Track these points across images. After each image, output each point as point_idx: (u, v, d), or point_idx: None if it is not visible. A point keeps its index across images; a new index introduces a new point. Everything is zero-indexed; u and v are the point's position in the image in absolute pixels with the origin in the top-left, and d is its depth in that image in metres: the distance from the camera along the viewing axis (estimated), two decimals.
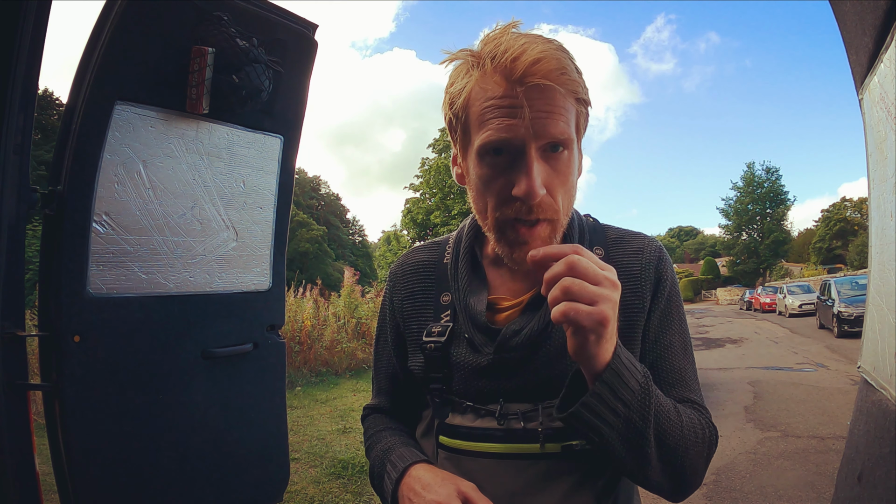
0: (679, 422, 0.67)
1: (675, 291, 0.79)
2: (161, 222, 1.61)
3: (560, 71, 0.64)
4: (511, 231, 0.69)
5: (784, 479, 3.40)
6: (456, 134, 0.74)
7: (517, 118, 0.64)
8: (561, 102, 0.65)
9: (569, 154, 0.68)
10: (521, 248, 0.69)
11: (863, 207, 39.96)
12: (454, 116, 0.72)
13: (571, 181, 0.70)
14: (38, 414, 2.61)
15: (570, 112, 0.67)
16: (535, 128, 0.64)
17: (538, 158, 0.65)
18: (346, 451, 4.04)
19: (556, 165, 0.67)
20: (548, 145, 0.66)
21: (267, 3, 1.73)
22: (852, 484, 1.73)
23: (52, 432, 1.42)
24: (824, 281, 13.19)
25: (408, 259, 0.89)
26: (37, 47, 1.27)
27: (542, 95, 0.64)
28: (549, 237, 0.69)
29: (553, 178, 0.67)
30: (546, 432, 0.70)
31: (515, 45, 0.64)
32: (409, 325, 0.84)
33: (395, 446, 0.79)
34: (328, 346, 7.56)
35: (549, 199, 0.67)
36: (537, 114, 0.64)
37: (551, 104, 0.64)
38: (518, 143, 0.65)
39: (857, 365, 1.99)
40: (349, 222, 50.72)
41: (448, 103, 0.72)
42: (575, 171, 0.71)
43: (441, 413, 0.77)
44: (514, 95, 0.64)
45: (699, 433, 0.69)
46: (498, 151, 0.66)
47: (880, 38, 1.57)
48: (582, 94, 0.68)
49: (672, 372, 0.75)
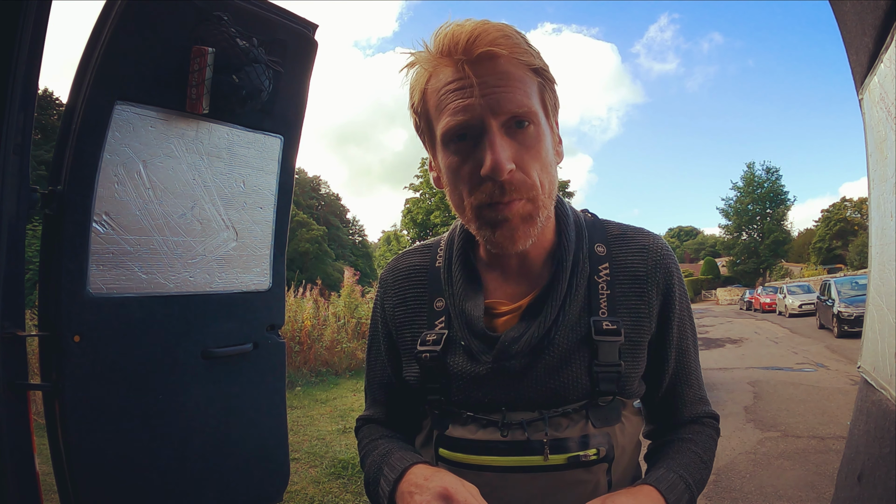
0: (707, 472, 0.77)
1: (684, 292, 0.79)
2: (161, 222, 1.61)
3: (502, 36, 0.63)
4: (489, 211, 0.66)
5: (784, 479, 3.40)
6: (423, 134, 0.73)
7: (471, 97, 0.62)
8: (514, 73, 0.64)
9: (535, 128, 0.66)
10: (503, 227, 0.66)
11: (863, 207, 39.98)
12: (416, 115, 0.71)
13: (545, 157, 0.67)
14: (38, 414, 2.61)
15: (527, 84, 0.65)
16: (490, 103, 0.62)
17: (502, 135, 0.64)
18: (346, 451, 4.04)
19: (523, 140, 0.65)
20: (511, 121, 0.64)
21: (267, 3, 1.73)
22: (852, 484, 1.73)
23: (52, 432, 1.42)
24: (824, 281, 13.18)
25: (398, 264, 0.85)
26: (37, 47, 1.27)
27: (493, 69, 0.63)
28: (529, 214, 0.67)
29: (522, 153, 0.65)
30: (551, 443, 0.68)
31: (455, 28, 0.64)
32: (402, 333, 0.80)
33: (394, 450, 0.76)
34: (328, 346, 7.55)
35: (521, 175, 0.65)
36: (490, 89, 0.63)
37: (503, 76, 0.63)
38: (477, 122, 0.63)
39: (857, 365, 1.99)
40: (349, 222, 50.71)
41: (410, 105, 0.71)
42: (547, 146, 0.68)
43: (440, 425, 0.74)
44: (463, 75, 0.63)
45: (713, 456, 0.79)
46: (461, 137, 0.65)
47: (880, 38, 1.57)
48: (537, 64, 0.66)
49: (690, 374, 0.80)
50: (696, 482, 0.72)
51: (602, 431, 0.70)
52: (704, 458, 0.76)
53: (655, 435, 0.85)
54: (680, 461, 0.74)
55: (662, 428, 0.84)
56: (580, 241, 0.76)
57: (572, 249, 0.75)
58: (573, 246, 0.75)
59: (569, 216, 0.78)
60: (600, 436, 0.69)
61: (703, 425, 0.81)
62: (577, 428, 0.69)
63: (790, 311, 17.90)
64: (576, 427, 0.69)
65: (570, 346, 0.71)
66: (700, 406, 0.82)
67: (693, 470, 0.73)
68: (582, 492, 0.68)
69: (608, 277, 0.75)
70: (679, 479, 0.70)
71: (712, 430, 0.81)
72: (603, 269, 0.75)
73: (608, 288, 0.74)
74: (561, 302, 0.72)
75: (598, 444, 0.69)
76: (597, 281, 0.74)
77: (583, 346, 0.71)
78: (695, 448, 0.77)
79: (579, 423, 0.69)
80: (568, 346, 0.71)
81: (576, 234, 0.76)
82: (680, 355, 0.79)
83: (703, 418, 0.82)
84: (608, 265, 0.75)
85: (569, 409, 0.70)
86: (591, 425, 0.69)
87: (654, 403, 0.82)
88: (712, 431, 0.81)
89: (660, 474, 0.70)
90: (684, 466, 0.73)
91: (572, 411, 0.70)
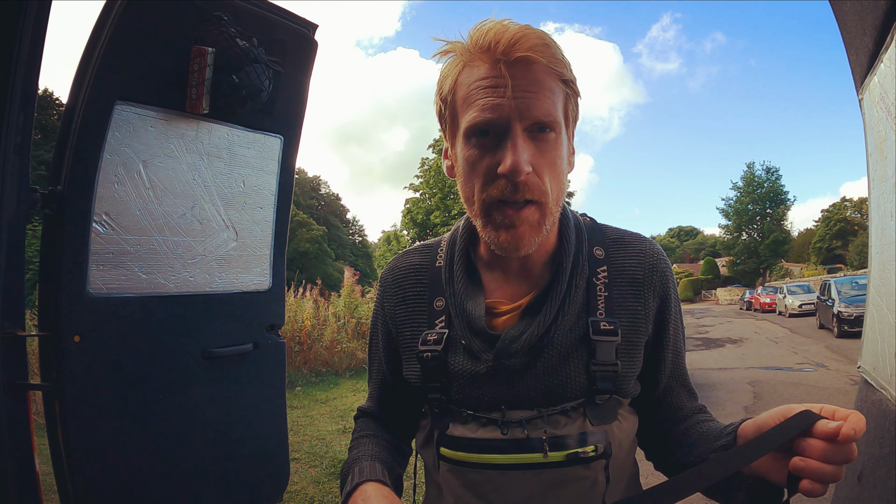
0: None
1: (677, 295, 0.83)
2: (161, 222, 1.61)
3: (542, 45, 0.65)
4: (497, 213, 0.68)
5: None
6: (445, 122, 0.74)
7: (502, 97, 0.64)
8: (546, 82, 0.66)
9: (556, 137, 0.67)
10: (508, 231, 0.68)
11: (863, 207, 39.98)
12: (443, 103, 0.72)
13: (559, 166, 0.69)
14: (38, 414, 2.61)
15: (555, 94, 0.67)
16: (519, 106, 0.64)
17: (524, 138, 0.65)
18: (345, 451, 4.02)
19: (542, 147, 0.67)
20: (534, 126, 0.66)
21: (267, 3, 1.73)
22: (852, 484, 1.73)
23: (52, 432, 1.43)
24: (824, 281, 13.19)
25: (398, 263, 0.86)
26: (37, 47, 1.27)
27: (526, 73, 0.64)
28: (537, 222, 0.68)
29: (539, 158, 0.66)
30: (550, 440, 0.69)
31: (498, 27, 0.65)
32: (403, 333, 0.81)
33: (362, 458, 0.78)
34: (328, 346, 7.56)
35: (535, 178, 0.66)
36: (522, 93, 0.64)
37: (535, 82, 0.65)
38: (503, 122, 0.65)
39: (857, 365, 1.99)
40: (349, 222, 50.73)
41: (437, 91, 0.73)
42: (563, 156, 0.70)
43: (441, 424, 0.75)
44: (498, 74, 0.64)
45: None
46: (484, 133, 0.66)
47: (880, 38, 1.57)
48: (568, 76, 0.68)
49: (684, 373, 0.84)
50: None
51: (600, 429, 0.71)
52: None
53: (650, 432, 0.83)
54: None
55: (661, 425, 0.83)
56: (580, 244, 0.78)
57: (572, 252, 0.76)
58: (573, 248, 0.77)
59: (569, 219, 0.79)
60: (598, 433, 0.70)
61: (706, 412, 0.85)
62: (576, 425, 0.70)
63: (790, 311, 17.91)
64: (574, 425, 0.70)
65: (568, 345, 0.72)
66: (694, 402, 0.85)
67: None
68: (580, 488, 0.70)
69: (606, 280, 0.76)
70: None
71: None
72: (601, 272, 0.77)
73: (606, 290, 0.76)
74: (560, 302, 0.73)
75: (596, 441, 0.70)
76: (595, 283, 0.76)
77: (581, 345, 0.72)
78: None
79: (577, 420, 0.71)
80: (566, 346, 0.72)
81: (576, 238, 0.78)
82: (675, 356, 0.81)
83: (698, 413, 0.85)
84: (606, 268, 0.77)
85: (567, 408, 0.71)
86: (589, 423, 0.71)
87: (650, 403, 0.82)
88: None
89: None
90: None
91: (570, 409, 0.71)
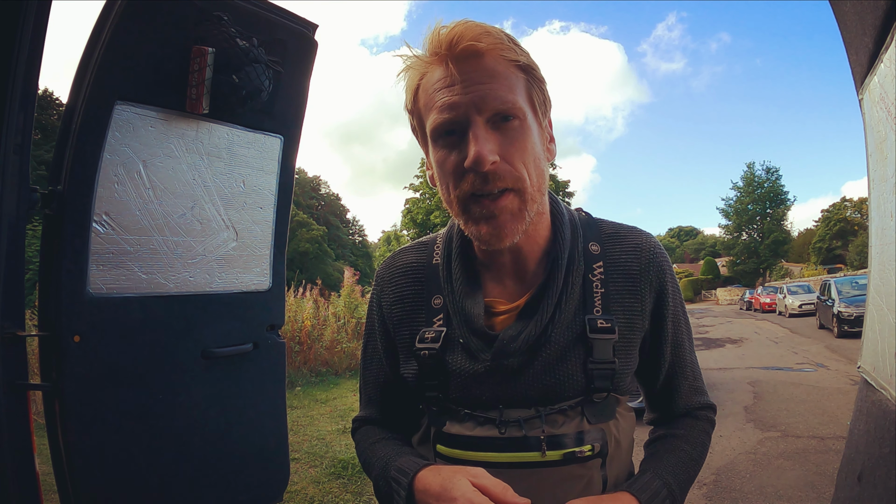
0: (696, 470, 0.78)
1: (677, 287, 0.81)
2: (161, 222, 1.61)
3: (484, 33, 0.64)
4: (475, 206, 0.67)
5: (784, 479, 3.40)
6: (417, 133, 0.75)
7: (457, 94, 0.64)
8: (499, 70, 0.65)
9: (521, 123, 0.67)
10: (488, 223, 0.67)
11: (863, 207, 39.95)
12: (411, 115, 0.73)
13: (532, 151, 0.68)
14: (38, 414, 2.61)
15: (512, 80, 0.66)
16: (474, 99, 0.64)
17: (486, 129, 0.65)
18: (346, 451, 4.03)
19: (510, 135, 0.66)
20: (496, 116, 0.65)
21: (267, 3, 1.73)
22: (852, 484, 1.73)
23: (52, 432, 1.42)
24: (824, 281, 13.18)
25: (395, 261, 0.85)
26: (37, 47, 1.27)
27: (477, 66, 0.65)
28: (518, 209, 0.67)
29: (507, 146, 0.66)
30: (548, 439, 0.69)
31: (445, 29, 0.66)
32: (400, 331, 0.80)
33: (392, 459, 0.75)
34: (328, 346, 7.56)
35: (506, 166, 0.66)
36: (475, 86, 0.64)
37: (487, 73, 0.65)
38: (462, 118, 0.65)
39: (857, 365, 1.99)
40: (349, 222, 50.72)
41: (405, 106, 0.73)
42: (535, 142, 0.69)
43: (438, 422, 0.75)
44: (450, 73, 0.65)
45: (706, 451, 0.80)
46: (450, 132, 0.67)
47: (880, 38, 1.57)
48: (524, 62, 0.67)
49: (686, 366, 0.82)
50: (680, 485, 0.74)
51: (597, 428, 0.71)
52: (694, 454, 0.79)
53: (655, 422, 0.89)
54: (668, 463, 0.76)
55: (661, 416, 0.87)
56: (575, 240, 0.77)
57: (567, 248, 0.76)
58: (568, 244, 0.76)
59: (563, 214, 0.78)
60: (595, 432, 0.71)
61: (698, 419, 0.84)
62: (573, 424, 0.70)
63: (790, 311, 17.89)
64: (571, 423, 0.70)
65: (565, 343, 0.72)
66: (696, 397, 0.84)
67: (679, 472, 0.75)
68: (576, 487, 0.70)
69: (602, 276, 0.76)
70: (663, 486, 0.72)
71: (706, 423, 0.84)
72: (597, 268, 0.76)
73: (602, 286, 0.75)
74: (557, 300, 0.73)
75: (593, 440, 0.70)
76: (591, 279, 0.75)
77: (578, 343, 0.72)
78: (685, 446, 0.79)
79: (575, 419, 0.71)
80: (564, 344, 0.72)
81: (571, 233, 0.77)
82: (675, 349, 0.81)
83: (698, 410, 0.84)
84: (602, 263, 0.76)
85: (564, 406, 0.71)
86: (587, 422, 0.71)
87: (653, 395, 0.86)
88: (706, 424, 0.84)
89: (645, 480, 0.72)
90: (670, 470, 0.75)
91: (568, 408, 0.71)
